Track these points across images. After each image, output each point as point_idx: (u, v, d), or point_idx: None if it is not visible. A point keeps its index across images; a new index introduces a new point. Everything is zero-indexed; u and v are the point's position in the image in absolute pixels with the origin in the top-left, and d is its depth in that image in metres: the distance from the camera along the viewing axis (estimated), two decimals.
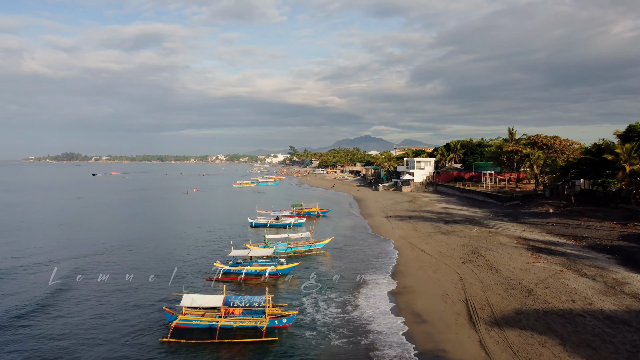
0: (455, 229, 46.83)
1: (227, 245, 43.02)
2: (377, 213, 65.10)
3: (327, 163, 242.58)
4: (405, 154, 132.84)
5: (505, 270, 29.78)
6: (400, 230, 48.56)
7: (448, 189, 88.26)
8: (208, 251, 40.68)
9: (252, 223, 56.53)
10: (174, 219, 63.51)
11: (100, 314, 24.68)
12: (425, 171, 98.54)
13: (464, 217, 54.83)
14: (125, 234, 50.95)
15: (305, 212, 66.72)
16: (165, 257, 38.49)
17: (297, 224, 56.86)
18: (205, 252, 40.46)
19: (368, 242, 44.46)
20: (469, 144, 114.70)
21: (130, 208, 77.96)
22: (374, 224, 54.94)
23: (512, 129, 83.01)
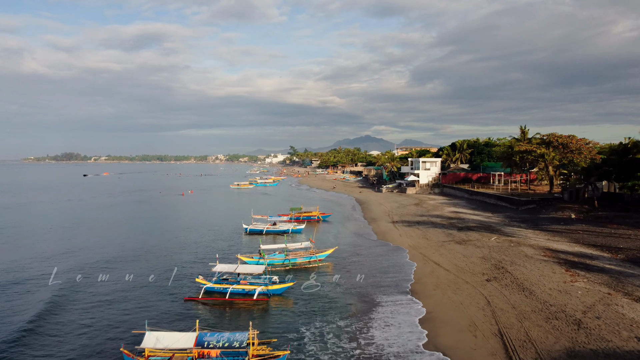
0: (471, 237, 42.12)
1: (215, 256, 38.40)
2: (382, 217, 60.42)
3: (328, 163, 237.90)
4: (408, 154, 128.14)
5: (540, 291, 25.08)
6: (409, 239, 43.86)
7: (456, 191, 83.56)
8: (192, 263, 35.99)
9: (247, 229, 51.92)
10: (161, 224, 58.80)
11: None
12: (430, 172, 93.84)
13: (478, 223, 50.12)
14: (100, 242, 46.28)
15: (304, 216, 62.06)
16: (138, 274, 33.79)
17: (297, 230, 52.23)
18: (189, 264, 35.76)
19: (375, 252, 39.75)
20: (475, 143, 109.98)
21: (113, 212, 73.29)
22: (380, 231, 50.27)
23: (524, 128, 78.31)
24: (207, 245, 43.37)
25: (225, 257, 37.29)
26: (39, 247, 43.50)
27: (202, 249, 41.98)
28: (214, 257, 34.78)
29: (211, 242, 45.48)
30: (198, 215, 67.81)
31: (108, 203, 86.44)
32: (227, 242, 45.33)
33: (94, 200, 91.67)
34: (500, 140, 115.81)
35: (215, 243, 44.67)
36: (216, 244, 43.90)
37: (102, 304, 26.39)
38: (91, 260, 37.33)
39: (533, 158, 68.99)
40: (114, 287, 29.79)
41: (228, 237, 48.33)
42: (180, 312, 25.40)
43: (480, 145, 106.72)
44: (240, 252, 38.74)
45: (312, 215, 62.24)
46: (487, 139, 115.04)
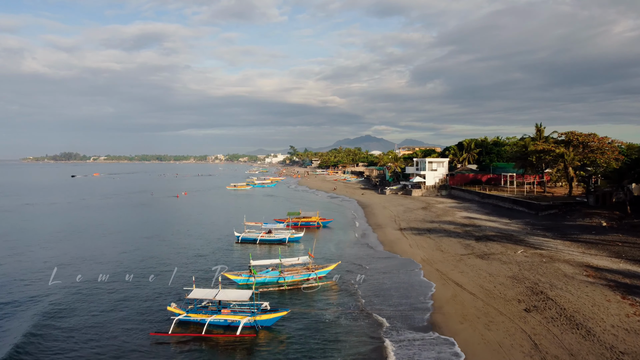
0: (493, 249, 36.76)
1: (201, 270, 33.08)
2: (387, 223, 55.09)
3: (328, 163, 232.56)
4: (413, 153, 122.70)
5: (599, 329, 19.75)
6: (421, 250, 38.52)
7: (465, 194, 78.21)
8: (167, 285, 30.60)
9: (239, 238, 46.64)
10: (139, 232, 53.36)
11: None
12: (437, 173, 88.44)
13: (497, 232, 44.76)
14: (67, 254, 40.94)
15: (303, 222, 56.76)
16: (101, 296, 28.46)
17: (294, 238, 46.91)
18: (162, 286, 30.35)
19: (383, 266, 34.42)
20: (483, 142, 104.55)
21: (84, 218, 67.97)
22: (387, 239, 44.95)
23: (539, 125, 72.84)
24: (190, 259, 37.97)
25: (208, 276, 31.99)
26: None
27: (184, 263, 36.60)
28: (199, 275, 29.57)
29: (196, 254, 40.11)
30: (186, 220, 62.45)
31: (82, 206, 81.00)
32: (214, 255, 39.95)
33: (66, 204, 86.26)
34: (509, 139, 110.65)
35: (201, 256, 39.30)
36: (201, 258, 38.52)
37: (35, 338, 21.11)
38: (41, 277, 32.02)
39: (551, 158, 63.59)
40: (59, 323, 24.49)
41: (216, 248, 42.97)
42: (144, 351, 20.12)
43: (488, 145, 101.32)
44: (228, 267, 33.47)
45: (311, 220, 56.94)
46: (496, 137, 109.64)
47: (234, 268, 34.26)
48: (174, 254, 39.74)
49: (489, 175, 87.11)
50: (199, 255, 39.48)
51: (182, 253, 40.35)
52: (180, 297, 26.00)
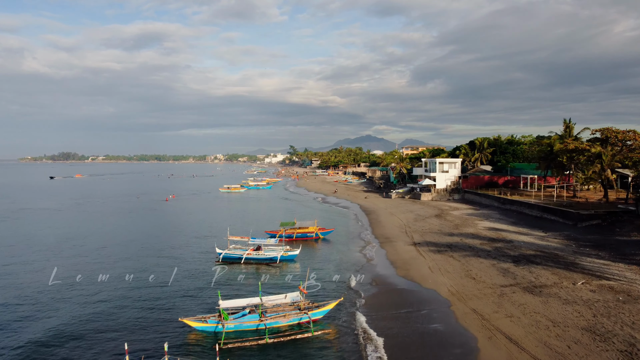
0: (541, 277, 28.36)
1: (149, 319, 24.75)
2: (397, 235, 46.78)
3: (329, 163, 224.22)
4: (419, 153, 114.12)
5: None
6: (446, 277, 30.17)
7: (481, 198, 69.80)
8: (113, 326, 22.26)
9: (221, 255, 38.36)
10: (110, 247, 45.05)
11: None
12: (449, 175, 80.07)
13: (536, 249, 36.38)
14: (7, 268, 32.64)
15: (299, 233, 48.51)
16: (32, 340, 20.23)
17: (288, 257, 38.53)
18: (105, 325, 22.03)
19: (398, 302, 26.07)
20: (497, 141, 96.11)
21: (59, 225, 59.67)
22: (399, 259, 36.62)
23: (568, 122, 64.37)
24: (151, 292, 29.54)
25: (165, 320, 23.70)
26: None
27: (141, 297, 28.25)
28: (156, 315, 21.38)
29: (162, 280, 31.76)
30: (164, 231, 54.07)
31: (31, 213, 72.70)
32: (184, 282, 31.55)
33: (18, 210, 77.93)
34: (525, 137, 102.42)
35: (167, 284, 30.94)
36: (167, 288, 30.15)
37: None
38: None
39: (585, 159, 55.19)
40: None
41: (190, 271, 34.60)
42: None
43: (503, 144, 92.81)
44: (186, 317, 25.03)
45: (308, 232, 48.62)
46: (510, 136, 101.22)
47: (202, 306, 25.98)
48: (125, 287, 31.19)
49: (506, 178, 78.75)
50: (168, 281, 31.11)
51: (140, 281, 31.93)
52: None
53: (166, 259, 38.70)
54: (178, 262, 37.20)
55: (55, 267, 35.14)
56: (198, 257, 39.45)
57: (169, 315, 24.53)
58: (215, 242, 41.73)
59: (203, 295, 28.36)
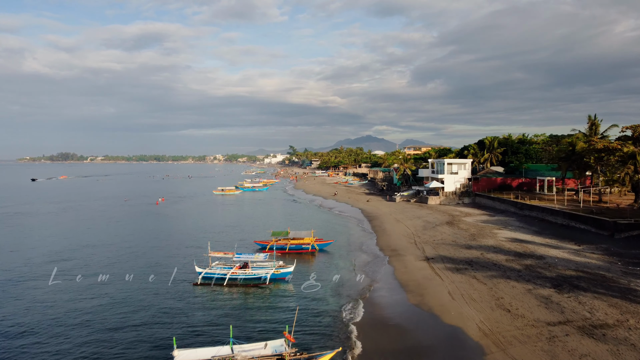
0: (597, 311, 22.23)
1: None
2: (406, 247, 40.72)
3: (329, 164, 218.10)
4: (425, 154, 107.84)
5: None
6: (471, 307, 24.10)
7: (495, 203, 63.67)
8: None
9: (201, 275, 32.35)
10: (59, 262, 39.03)
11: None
12: (458, 177, 73.95)
13: (576, 269, 30.25)
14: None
15: (293, 244, 42.48)
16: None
17: (281, 274, 32.50)
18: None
19: (415, 347, 20.02)
20: (508, 141, 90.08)
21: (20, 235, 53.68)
22: (411, 279, 30.57)
23: (594, 118, 58.15)
24: (96, 327, 23.49)
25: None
26: None
27: (83, 342, 22.21)
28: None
29: (117, 313, 25.70)
30: (143, 242, 47.94)
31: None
32: (142, 315, 25.49)
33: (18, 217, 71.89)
34: (537, 136, 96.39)
35: (115, 331, 24.86)
36: (114, 334, 24.07)
37: None
38: None
39: (616, 159, 49.08)
40: None
41: (159, 297, 28.53)
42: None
43: (514, 144, 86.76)
44: (144, 350, 19.07)
45: (304, 243, 42.57)
46: (521, 135, 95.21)
47: (153, 355, 19.94)
48: (61, 330, 25.13)
49: (520, 180, 72.64)
50: (127, 315, 25.05)
51: (95, 315, 25.87)
52: None
53: (135, 280, 32.62)
54: (147, 286, 31.14)
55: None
56: (174, 278, 33.37)
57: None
58: (195, 259, 35.59)
59: (160, 334, 22.28)
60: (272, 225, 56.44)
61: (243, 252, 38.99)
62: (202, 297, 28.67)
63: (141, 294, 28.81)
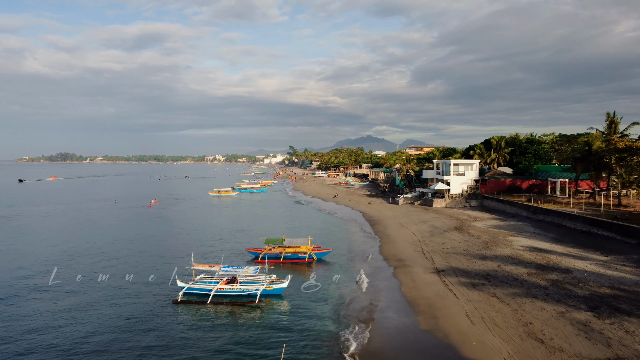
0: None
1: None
2: (413, 257, 36.94)
3: (329, 164, 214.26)
4: (429, 154, 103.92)
5: None
6: (494, 333, 20.29)
7: (504, 206, 59.82)
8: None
9: (183, 290, 28.66)
10: (29, 276, 35.25)
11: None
12: (465, 178, 70.11)
13: (609, 285, 26.41)
14: None
15: (288, 253, 38.71)
16: None
17: (273, 291, 28.74)
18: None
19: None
20: (515, 140, 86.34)
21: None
22: (420, 296, 26.80)
23: (612, 116, 54.25)
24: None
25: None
26: None
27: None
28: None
29: (71, 338, 21.92)
30: (125, 250, 44.10)
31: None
32: (104, 338, 21.73)
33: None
34: (546, 136, 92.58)
35: (76, 343, 21.08)
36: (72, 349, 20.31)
37: None
38: None
39: (638, 160, 45.26)
40: None
41: (130, 324, 24.72)
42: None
43: (522, 143, 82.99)
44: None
45: (299, 252, 38.77)
46: (529, 134, 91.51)
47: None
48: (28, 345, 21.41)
49: (530, 182, 68.82)
50: (64, 346, 21.28)
51: (40, 337, 22.09)
52: None
53: (107, 297, 28.83)
54: (121, 300, 27.40)
55: None
56: (153, 290, 29.65)
57: None
58: (177, 271, 31.77)
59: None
60: (266, 230, 52.70)
61: (232, 263, 35.33)
62: (181, 317, 24.90)
63: (113, 318, 25.02)
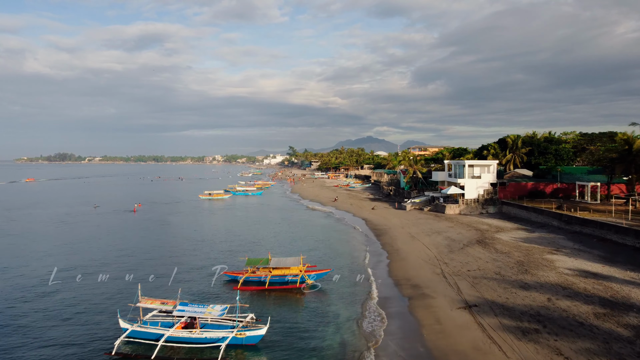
0: None
1: None
2: (432, 282, 29.31)
3: (329, 165, 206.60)
4: (436, 155, 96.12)
5: None
6: None
7: (530, 214, 52.07)
8: None
9: (125, 334, 21.24)
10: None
11: None
12: (482, 181, 62.38)
13: None
14: None
15: (275, 276, 31.06)
16: None
17: (247, 339, 21.15)
18: None
19: None
20: (533, 139, 78.68)
21: None
22: (451, 348, 19.39)
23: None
24: None
25: None
26: None
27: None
28: None
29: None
30: (71, 273, 36.51)
31: None
32: None
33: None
34: (567, 134, 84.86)
35: None
36: None
37: None
38: None
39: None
40: None
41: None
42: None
43: (541, 143, 75.24)
44: None
45: (290, 274, 31.11)
46: (547, 133, 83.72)
47: None
48: None
49: (554, 185, 61.10)
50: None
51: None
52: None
53: (38, 338, 21.22)
54: (35, 353, 19.77)
55: None
56: (92, 332, 22.05)
57: None
58: (119, 309, 24.01)
59: None
60: (253, 242, 45.14)
61: (205, 290, 27.75)
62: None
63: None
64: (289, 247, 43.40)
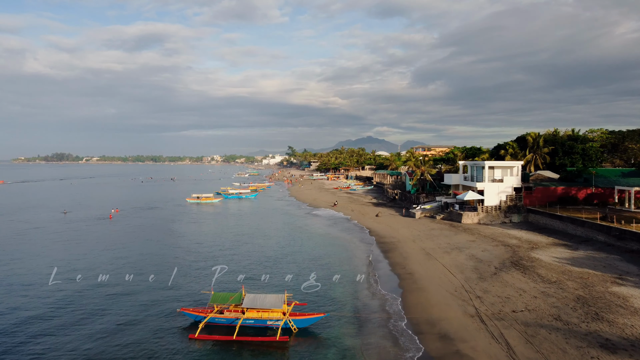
0: None
1: None
2: (465, 330, 20.99)
3: (328, 165, 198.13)
4: (448, 155, 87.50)
5: None
6: None
7: (566, 225, 43.65)
8: None
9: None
10: None
11: None
12: (504, 186, 53.92)
13: None
14: None
15: (249, 319, 22.65)
16: None
17: None
18: None
19: None
20: (556, 138, 70.41)
21: None
22: None
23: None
24: None
25: None
26: None
27: None
28: None
29: None
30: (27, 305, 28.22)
31: None
32: None
33: None
34: (594, 131, 76.41)
35: None
36: None
37: None
38: None
39: None
40: None
41: None
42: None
43: (565, 141, 66.91)
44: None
45: (269, 318, 22.70)
46: (569, 131, 75.36)
47: None
48: None
49: (588, 190, 52.74)
50: None
51: None
52: None
53: None
54: None
55: None
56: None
57: None
58: None
59: None
60: (230, 265, 36.73)
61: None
62: None
63: None
64: (273, 268, 35.08)
